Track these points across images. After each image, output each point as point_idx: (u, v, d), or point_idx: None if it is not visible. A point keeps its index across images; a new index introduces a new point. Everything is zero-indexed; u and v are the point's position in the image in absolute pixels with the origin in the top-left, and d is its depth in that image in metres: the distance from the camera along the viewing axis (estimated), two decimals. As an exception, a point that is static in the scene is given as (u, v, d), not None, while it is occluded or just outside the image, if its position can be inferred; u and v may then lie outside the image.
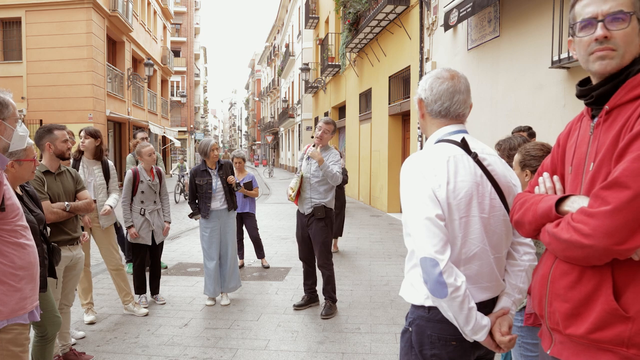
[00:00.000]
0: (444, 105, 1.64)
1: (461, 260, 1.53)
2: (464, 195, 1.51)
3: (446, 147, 1.59)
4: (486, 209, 1.55)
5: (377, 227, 9.65)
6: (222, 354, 3.60)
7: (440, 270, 1.44)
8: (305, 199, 4.49)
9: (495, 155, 1.67)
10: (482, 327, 1.50)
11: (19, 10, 16.21)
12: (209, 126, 66.18)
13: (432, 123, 1.70)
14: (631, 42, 1.27)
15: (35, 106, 16.13)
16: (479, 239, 1.54)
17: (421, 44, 9.21)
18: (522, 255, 1.66)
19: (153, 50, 24.80)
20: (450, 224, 1.51)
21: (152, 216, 4.64)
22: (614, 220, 1.13)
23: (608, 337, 1.19)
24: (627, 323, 1.16)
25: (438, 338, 1.56)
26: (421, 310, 1.59)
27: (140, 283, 4.68)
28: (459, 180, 1.51)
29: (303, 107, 24.95)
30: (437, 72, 1.67)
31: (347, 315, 4.42)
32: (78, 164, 4.31)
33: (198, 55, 47.68)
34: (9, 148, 1.93)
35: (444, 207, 1.49)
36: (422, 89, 1.70)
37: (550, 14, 5.17)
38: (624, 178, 1.13)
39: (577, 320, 1.25)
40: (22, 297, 2.01)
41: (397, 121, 11.57)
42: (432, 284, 1.46)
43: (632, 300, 1.17)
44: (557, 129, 5.26)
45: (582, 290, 1.25)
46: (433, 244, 1.46)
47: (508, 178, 1.65)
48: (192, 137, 41.72)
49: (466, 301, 1.46)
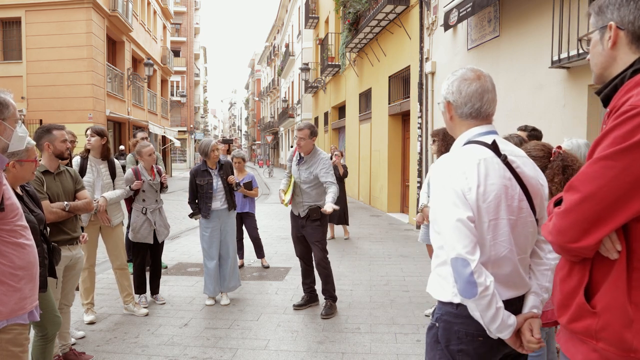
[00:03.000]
0: (475, 106, 1.66)
1: (489, 261, 1.56)
2: (493, 198, 1.54)
3: (477, 149, 1.60)
4: (514, 211, 1.58)
5: (377, 227, 9.64)
6: (222, 354, 3.60)
7: (472, 270, 1.47)
8: (298, 203, 4.50)
9: (525, 156, 1.69)
10: (508, 327, 1.52)
11: (18, 10, 16.20)
12: (209, 126, 66.19)
13: (461, 124, 1.71)
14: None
15: (35, 106, 16.12)
16: (507, 241, 1.57)
17: (421, 43, 9.20)
18: (547, 253, 1.69)
19: (153, 50, 24.79)
20: (480, 226, 1.54)
21: (154, 215, 4.64)
22: (565, 221, 1.24)
23: (580, 329, 1.28)
24: (594, 318, 1.24)
25: (465, 334, 1.59)
26: (449, 307, 1.62)
27: (140, 283, 4.68)
28: (489, 183, 1.54)
29: (303, 107, 24.94)
30: (463, 74, 1.68)
31: (347, 315, 4.42)
32: (86, 162, 4.23)
33: (198, 55, 47.69)
34: (8, 148, 1.93)
35: (474, 209, 1.52)
36: (449, 92, 1.70)
37: (550, 14, 5.17)
38: (576, 182, 1.23)
39: (565, 310, 1.34)
40: (22, 297, 2.00)
41: (397, 121, 11.57)
42: (462, 283, 1.49)
43: (601, 297, 1.24)
44: (557, 129, 5.26)
45: (570, 283, 1.33)
46: (464, 245, 1.49)
47: (537, 179, 1.67)
48: (192, 137, 41.74)
49: (494, 301, 1.49)
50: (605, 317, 1.22)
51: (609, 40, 1.30)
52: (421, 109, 9.18)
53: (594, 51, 1.37)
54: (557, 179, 2.30)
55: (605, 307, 1.22)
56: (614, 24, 1.29)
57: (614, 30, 1.29)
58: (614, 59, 1.31)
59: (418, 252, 7.16)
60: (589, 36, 1.39)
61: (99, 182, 4.22)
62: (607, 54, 1.32)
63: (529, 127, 4.20)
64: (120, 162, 4.84)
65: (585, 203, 1.19)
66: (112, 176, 4.32)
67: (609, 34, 1.30)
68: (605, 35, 1.31)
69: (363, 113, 14.03)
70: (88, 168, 4.20)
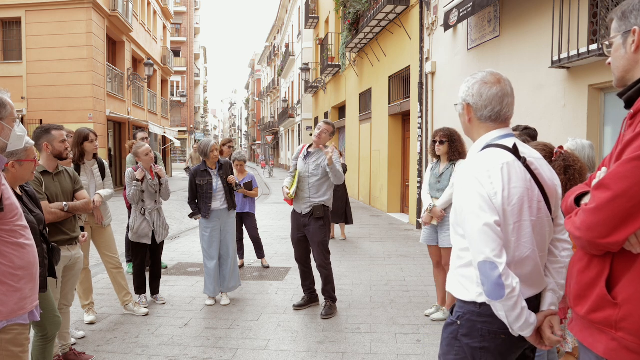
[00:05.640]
0: (495, 110, 1.69)
1: (513, 262, 1.59)
2: (517, 201, 1.57)
3: (498, 153, 1.64)
4: (534, 212, 1.62)
5: (377, 227, 9.64)
6: (222, 354, 3.60)
7: (500, 273, 1.51)
8: (303, 199, 4.47)
9: (541, 158, 1.74)
10: (530, 325, 1.57)
11: (19, 10, 16.20)
12: (209, 126, 66.19)
13: (480, 127, 1.74)
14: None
15: (35, 106, 16.12)
16: (530, 242, 1.61)
17: (421, 43, 9.20)
18: (561, 251, 1.74)
19: (153, 50, 24.79)
20: (505, 228, 1.57)
21: (152, 216, 4.64)
22: (595, 217, 1.30)
23: (600, 319, 1.34)
24: (615, 309, 1.30)
25: (488, 332, 1.64)
26: (472, 306, 1.66)
27: (140, 283, 4.68)
28: (512, 187, 1.57)
29: (303, 107, 24.94)
30: (483, 77, 1.71)
31: (347, 315, 4.42)
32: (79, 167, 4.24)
33: (198, 55, 47.68)
34: (6, 148, 1.93)
35: (500, 213, 1.56)
36: (469, 95, 1.73)
37: (550, 14, 5.17)
38: (608, 180, 1.28)
39: (582, 301, 1.40)
40: (22, 297, 2.00)
41: (397, 121, 11.56)
42: (490, 286, 1.52)
43: (622, 289, 1.30)
44: (557, 129, 5.25)
45: (589, 275, 1.39)
46: (492, 248, 1.52)
47: (552, 180, 1.72)
48: (192, 137, 41.71)
49: (520, 301, 1.53)
50: (626, 308, 1.28)
51: (633, 44, 1.36)
52: (421, 109, 9.18)
53: (616, 55, 1.42)
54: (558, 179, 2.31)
55: (627, 298, 1.28)
56: (637, 28, 1.35)
57: (637, 35, 1.35)
58: (637, 62, 1.37)
59: (418, 252, 7.16)
60: (611, 40, 1.43)
61: (92, 184, 4.23)
62: (630, 58, 1.38)
63: (520, 126, 4.19)
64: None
65: (617, 201, 1.25)
66: (102, 177, 4.34)
67: (632, 38, 1.36)
68: (629, 40, 1.37)
69: (363, 113, 14.03)
70: (82, 170, 4.22)
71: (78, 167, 4.21)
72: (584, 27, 4.67)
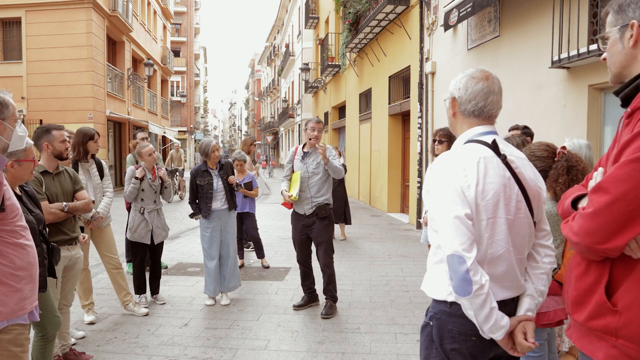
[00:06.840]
0: (478, 105, 1.66)
1: (486, 260, 1.55)
2: (492, 197, 1.53)
3: (477, 147, 1.60)
4: (512, 210, 1.57)
5: (377, 227, 9.64)
6: (222, 354, 3.60)
7: (467, 268, 1.46)
8: (305, 199, 4.46)
9: (525, 158, 1.70)
10: (501, 327, 1.51)
11: (19, 10, 16.21)
12: (209, 126, 66.17)
13: (463, 122, 1.71)
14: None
15: (35, 106, 16.12)
16: (505, 240, 1.56)
17: (421, 43, 9.20)
18: (543, 257, 1.69)
19: (153, 50, 24.79)
20: (478, 224, 1.53)
21: (151, 216, 4.64)
22: (594, 222, 1.24)
23: (599, 326, 1.29)
24: (615, 316, 1.25)
25: (459, 333, 1.59)
26: (443, 305, 1.62)
27: (140, 283, 4.68)
28: (487, 181, 1.54)
29: (303, 107, 24.93)
30: (472, 72, 1.69)
31: (347, 315, 4.42)
32: (77, 165, 4.25)
33: (198, 55, 47.67)
34: (8, 148, 1.93)
35: (472, 207, 1.52)
36: (455, 88, 1.71)
37: (550, 14, 5.16)
38: (606, 183, 1.22)
39: (581, 307, 1.35)
40: (22, 298, 2.00)
41: (397, 121, 11.56)
42: (457, 281, 1.48)
43: (622, 296, 1.25)
44: (557, 129, 5.25)
45: (587, 280, 1.34)
46: (461, 242, 1.49)
47: (536, 182, 1.67)
48: (192, 137, 41.73)
49: (488, 300, 1.48)
50: (627, 315, 1.23)
51: (630, 39, 1.30)
52: (421, 109, 9.18)
53: (613, 50, 1.36)
54: (561, 180, 2.30)
55: (628, 305, 1.24)
56: (636, 22, 1.29)
57: (636, 29, 1.29)
58: (634, 58, 1.31)
59: (418, 252, 7.16)
60: (607, 35, 1.37)
61: (90, 184, 4.22)
62: (628, 53, 1.32)
63: (520, 125, 4.19)
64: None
65: (616, 205, 1.19)
66: (100, 176, 4.32)
67: (630, 33, 1.30)
68: (626, 34, 1.31)
69: (363, 113, 14.02)
70: (80, 170, 4.21)
71: (76, 166, 4.21)
72: (583, 27, 4.67)
